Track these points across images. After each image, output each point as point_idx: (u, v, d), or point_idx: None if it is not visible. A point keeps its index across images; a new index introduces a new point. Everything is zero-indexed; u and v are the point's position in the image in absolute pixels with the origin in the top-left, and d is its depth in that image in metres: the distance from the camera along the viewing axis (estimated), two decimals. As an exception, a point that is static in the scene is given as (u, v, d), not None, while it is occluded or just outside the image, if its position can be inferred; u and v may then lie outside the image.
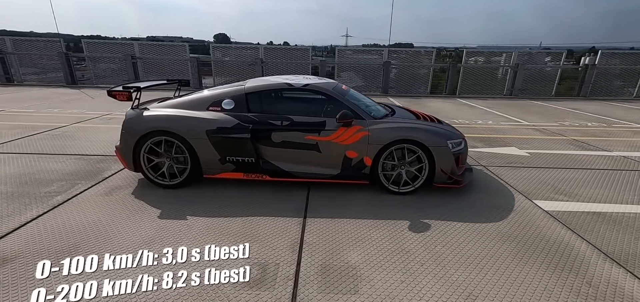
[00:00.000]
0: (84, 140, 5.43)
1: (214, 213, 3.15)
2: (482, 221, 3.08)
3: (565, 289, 2.21)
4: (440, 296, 2.12)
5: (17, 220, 2.92)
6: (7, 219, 2.94)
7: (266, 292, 2.13)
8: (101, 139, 5.56)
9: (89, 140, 5.47)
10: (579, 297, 2.13)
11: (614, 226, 3.05)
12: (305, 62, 12.90)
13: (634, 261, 2.54)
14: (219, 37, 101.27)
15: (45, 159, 4.52)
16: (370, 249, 2.63)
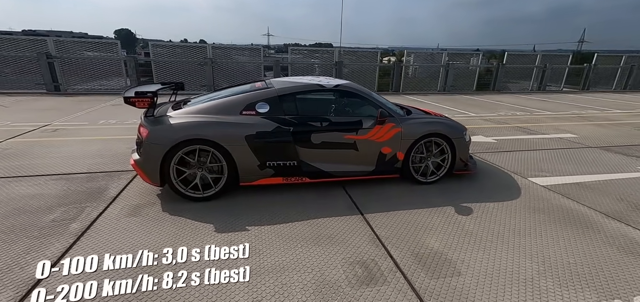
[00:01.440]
0: (46, 158, 4.55)
1: (273, 220, 3.05)
2: (504, 200, 3.60)
3: (593, 240, 2.78)
4: (528, 266, 2.49)
5: (48, 252, 2.41)
6: (32, 254, 2.40)
7: (385, 286, 2.22)
8: (67, 153, 4.72)
9: (51, 157, 4.60)
10: (604, 244, 2.72)
11: (593, 192, 3.87)
12: (257, 61, 12.62)
13: (622, 215, 3.30)
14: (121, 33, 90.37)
15: (11, 183, 3.70)
16: (441, 234, 2.88)
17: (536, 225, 3.08)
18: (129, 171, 4.12)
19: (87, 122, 6.80)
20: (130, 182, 3.80)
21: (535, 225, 3.07)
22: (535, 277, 2.34)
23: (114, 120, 6.95)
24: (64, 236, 2.69)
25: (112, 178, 3.91)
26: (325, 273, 2.33)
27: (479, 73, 14.95)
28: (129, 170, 4.16)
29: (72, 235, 2.71)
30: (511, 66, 14.88)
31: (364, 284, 2.23)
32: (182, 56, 12.04)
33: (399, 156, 3.80)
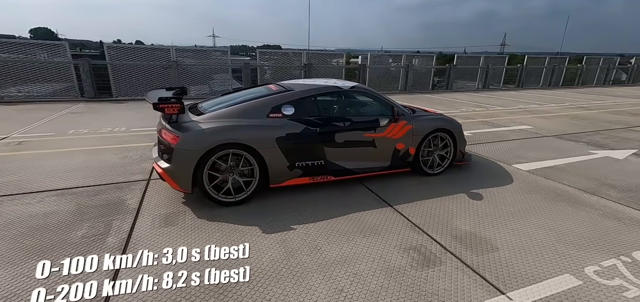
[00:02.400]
0: (28, 173, 4.10)
1: (314, 217, 3.17)
2: (502, 185, 4.11)
3: (584, 211, 3.36)
4: (545, 236, 2.93)
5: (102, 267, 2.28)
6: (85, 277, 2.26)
7: (443, 266, 2.49)
8: (52, 167, 4.29)
9: (34, 172, 4.15)
10: (593, 214, 3.30)
11: (565, 173, 4.57)
12: (225, 64, 12.30)
13: (596, 190, 3.98)
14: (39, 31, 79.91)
15: (8, 202, 3.32)
16: (465, 217, 3.25)
17: (536, 203, 3.59)
18: (136, 181, 3.92)
19: (53, 132, 6.15)
20: (145, 192, 3.62)
21: (536, 203, 3.59)
22: (555, 244, 2.79)
23: (85, 130, 6.38)
24: (107, 252, 2.54)
25: (122, 189, 3.69)
26: (388, 260, 2.54)
27: (433, 73, 16.17)
28: (135, 180, 3.95)
29: (115, 249, 2.57)
30: (461, 67, 16.35)
31: (425, 266, 2.48)
32: (143, 59, 11.29)
33: (410, 151, 4.13)
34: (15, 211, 3.12)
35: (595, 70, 21.02)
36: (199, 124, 3.29)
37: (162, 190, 3.69)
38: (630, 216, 3.35)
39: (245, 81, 12.08)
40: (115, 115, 7.84)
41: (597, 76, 21.05)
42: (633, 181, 4.31)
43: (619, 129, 7.63)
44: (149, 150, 5.10)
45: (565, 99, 13.42)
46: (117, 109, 8.82)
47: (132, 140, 5.68)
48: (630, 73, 22.76)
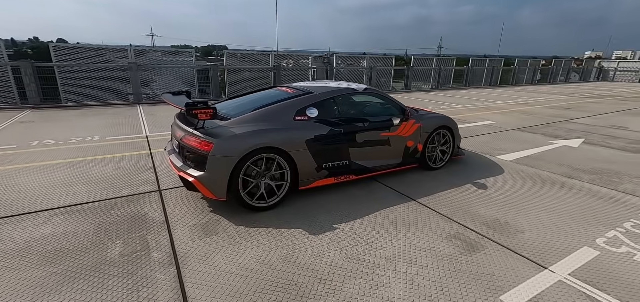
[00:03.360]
0: (11, 191, 3.60)
1: (347, 216, 3.26)
2: (496, 174, 4.57)
3: (571, 193, 3.91)
4: (553, 218, 3.36)
5: (162, 288, 2.14)
6: (147, 289, 2.10)
7: (486, 250, 2.75)
8: (34, 185, 3.81)
9: (15, 191, 3.66)
10: (580, 195, 3.87)
11: (541, 161, 5.22)
12: (189, 65, 11.70)
13: (571, 174, 4.62)
14: None
15: (7, 225, 2.90)
16: (482, 205, 3.58)
17: (532, 189, 4.08)
18: (146, 192, 3.67)
19: (13, 145, 5.39)
20: (163, 203, 3.41)
21: (531, 189, 4.08)
22: (563, 224, 3.22)
23: (52, 141, 5.68)
24: (159, 268, 2.38)
25: (135, 202, 3.43)
26: (437, 249, 2.73)
27: (393, 74, 17.02)
28: (145, 191, 3.69)
29: (165, 263, 2.42)
30: (417, 68, 17.45)
31: (471, 251, 2.72)
32: (96, 60, 10.28)
33: (418, 148, 4.41)
34: (19, 236, 2.75)
35: (525, 71, 23.80)
36: (229, 128, 3.19)
37: (182, 199, 3.50)
38: (606, 194, 3.97)
39: (214, 85, 11.62)
40: (77, 124, 7.08)
41: (526, 77, 23.86)
42: (594, 165, 5.07)
43: (563, 122, 8.82)
44: (141, 159, 4.77)
45: (507, 96, 15.03)
46: (75, 116, 7.96)
47: (114, 150, 5.22)
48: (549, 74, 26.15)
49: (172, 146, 3.73)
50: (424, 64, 18.39)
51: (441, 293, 2.22)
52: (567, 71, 27.67)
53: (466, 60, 20.74)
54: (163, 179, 4.04)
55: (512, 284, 2.32)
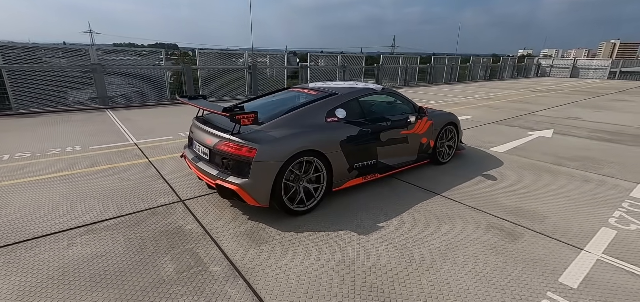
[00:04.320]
0: (10, 213, 3.17)
1: (385, 214, 3.33)
2: (496, 166, 4.91)
3: (568, 179, 4.35)
4: (566, 202, 3.71)
5: None
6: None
7: (526, 237, 2.97)
8: (35, 202, 3.39)
9: (17, 211, 3.23)
10: (576, 181, 4.31)
11: (526, 152, 5.69)
12: (158, 68, 10.99)
13: (558, 162, 5.11)
14: None
15: (27, 250, 2.56)
16: (501, 195, 3.84)
17: (533, 178, 4.45)
18: (169, 204, 3.43)
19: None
20: (193, 213, 3.22)
21: (533, 178, 4.45)
22: (575, 208, 3.57)
23: (26, 153, 5.06)
24: (226, 282, 2.26)
25: (162, 215, 3.20)
26: (486, 241, 2.89)
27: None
28: (166, 202, 3.45)
29: (229, 277, 2.31)
30: (387, 66, 18.04)
31: (513, 239, 2.92)
32: (52, 61, 9.27)
33: (431, 144, 4.60)
34: (50, 260, 2.45)
35: (478, 68, 25.64)
36: (268, 133, 3.09)
37: (211, 208, 3.33)
38: (596, 179, 4.46)
39: (188, 87, 11.04)
40: (45, 134, 6.35)
41: (479, 73, 25.72)
42: (573, 153, 5.65)
43: (527, 114, 9.67)
44: (142, 168, 4.44)
45: (470, 92, 16.10)
46: (37, 125, 7.13)
47: (107, 160, 4.79)
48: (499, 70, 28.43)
49: (194, 153, 3.52)
50: (392, 62, 19.04)
51: (507, 281, 2.36)
52: (512, 68, 30.26)
53: (420, 58, 21.82)
54: (181, 189, 3.80)
55: (563, 266, 2.54)
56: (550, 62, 35.06)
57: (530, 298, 2.20)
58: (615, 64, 32.37)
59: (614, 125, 8.23)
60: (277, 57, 14.11)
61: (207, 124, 3.42)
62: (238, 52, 12.98)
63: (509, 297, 2.20)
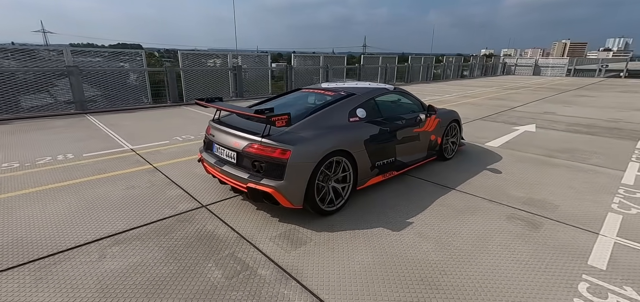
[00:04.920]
0: (22, 228, 2.94)
1: (410, 211, 3.42)
2: (497, 160, 5.17)
3: (565, 170, 4.66)
4: (570, 191, 3.97)
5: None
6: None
7: (546, 226, 3.16)
8: (62, 211, 3.17)
9: (29, 225, 3.01)
10: (571, 171, 4.63)
11: (520, 145, 6.03)
12: (137, 67, 10.52)
13: (550, 154, 5.45)
14: None
15: (57, 264, 2.39)
16: (512, 187, 4.06)
17: (533, 169, 4.73)
18: (192, 210, 3.34)
19: (-40, 171, 4.32)
20: (220, 218, 3.15)
21: (533, 169, 4.73)
22: (580, 194, 3.84)
23: (15, 163, 4.69)
24: (279, 284, 2.25)
25: (188, 221, 3.11)
26: (512, 230, 3.05)
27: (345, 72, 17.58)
28: (189, 208, 3.36)
29: (281, 279, 2.29)
30: (367, 66, 18.35)
31: (536, 228, 3.09)
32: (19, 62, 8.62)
33: (438, 141, 4.77)
34: (87, 274, 2.31)
35: (451, 67, 26.69)
36: (298, 134, 3.08)
37: (236, 212, 3.28)
38: (588, 168, 4.81)
39: (172, 89, 10.66)
40: (27, 141, 5.92)
41: (452, 73, 26.79)
42: (560, 146, 6.05)
43: (508, 110, 10.21)
44: (149, 174, 4.29)
45: (449, 91, 16.73)
46: (13, 132, 6.62)
47: (106, 168, 4.55)
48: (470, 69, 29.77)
49: (216, 157, 3.43)
50: (372, 62, 19.38)
51: (544, 266, 2.52)
52: (481, 67, 31.75)
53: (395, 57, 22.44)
54: (198, 194, 3.69)
55: (587, 250, 2.73)
56: (514, 61, 37.13)
57: (570, 280, 2.35)
58: (572, 62, 34.88)
59: (585, 119, 8.89)
60: (251, 57, 13.88)
61: (229, 126, 3.34)
62: (221, 53, 12.69)
63: (550, 280, 2.35)
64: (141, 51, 10.96)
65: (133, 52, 10.77)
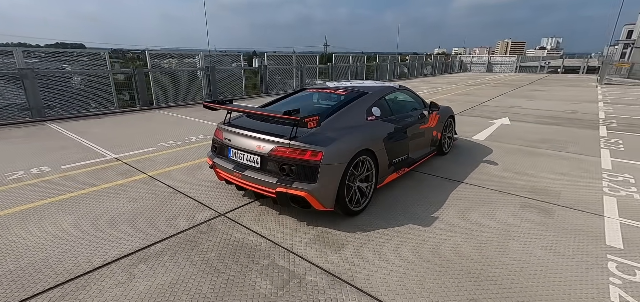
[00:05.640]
0: (43, 248, 2.58)
1: (430, 207, 3.49)
2: (488, 153, 5.44)
3: (552, 158, 5.03)
4: (565, 180, 4.28)
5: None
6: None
7: (557, 213, 3.38)
8: (64, 230, 2.81)
9: (50, 243, 2.64)
10: (555, 160, 5.01)
11: (501, 138, 6.40)
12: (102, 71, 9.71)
13: (534, 145, 5.85)
14: None
15: (90, 284, 2.12)
16: (514, 178, 4.28)
17: (525, 159, 5.05)
18: (209, 219, 3.14)
19: None
20: (243, 225, 2.99)
21: (525, 159, 5.04)
22: (573, 180, 4.15)
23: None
24: (333, 289, 2.18)
25: (210, 232, 2.93)
26: (530, 218, 3.21)
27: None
28: (207, 218, 3.16)
29: (333, 284, 2.23)
30: (339, 66, 18.51)
31: (549, 215, 3.29)
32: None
33: (438, 137, 4.92)
34: (118, 298, 2.06)
35: (415, 66, 27.78)
36: (325, 134, 3.00)
37: (256, 219, 3.15)
38: (570, 156, 5.22)
39: (141, 91, 9.97)
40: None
41: (416, 71, 27.89)
42: (537, 136, 6.52)
43: (479, 105, 10.82)
44: (146, 184, 4.01)
45: (418, 88, 17.31)
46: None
47: (95, 180, 4.15)
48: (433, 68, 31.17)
49: (234, 162, 3.23)
50: (343, 61, 19.58)
51: (570, 250, 2.68)
52: (442, 65, 33.39)
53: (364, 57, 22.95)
54: (211, 202, 3.48)
55: (600, 232, 2.96)
56: (470, 59, 39.52)
57: (598, 261, 2.53)
58: (519, 60, 37.85)
59: (548, 111, 9.67)
60: (223, 57, 13.42)
61: (246, 129, 3.18)
62: (194, 54, 12.10)
63: (581, 262, 2.51)
64: (103, 52, 10.12)
65: (93, 52, 9.91)
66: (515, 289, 2.22)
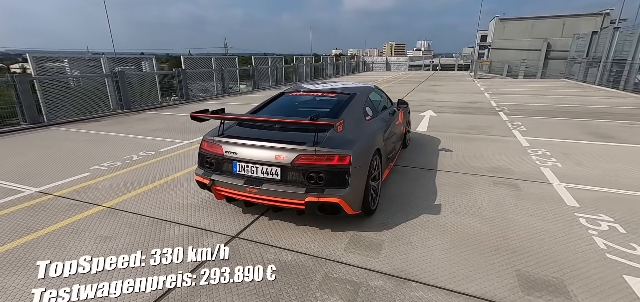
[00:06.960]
0: None
1: (427, 198, 3.78)
2: (437, 142, 6.13)
3: (475, 141, 5.97)
4: (507, 158, 5.10)
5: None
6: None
7: (538, 186, 4.04)
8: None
9: None
10: (484, 141, 5.97)
11: (440, 126, 7.27)
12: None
13: (477, 131, 6.81)
14: None
15: None
16: (472, 160, 4.92)
17: (469, 144, 5.84)
18: (216, 250, 2.78)
19: None
20: (266, 243, 2.76)
21: (470, 144, 5.83)
22: (512, 157, 4.99)
23: None
24: (398, 291, 2.20)
25: (231, 260, 2.59)
26: (508, 193, 3.74)
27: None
28: (214, 250, 2.78)
29: (398, 285, 2.26)
30: (261, 67, 18.10)
31: (518, 189, 3.90)
32: None
33: (404, 131, 5.31)
34: None
35: (326, 66, 29.05)
36: (343, 137, 2.95)
37: (276, 233, 2.94)
38: (494, 139, 6.24)
39: (28, 106, 7.97)
40: None
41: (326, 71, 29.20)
42: (462, 124, 7.59)
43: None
44: (110, 217, 3.34)
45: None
46: None
47: (31, 225, 3.22)
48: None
49: (246, 177, 2.88)
50: (263, 63, 19.19)
51: (548, 213, 3.24)
52: (349, 65, 35.71)
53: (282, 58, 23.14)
54: (212, 225, 3.06)
55: (557, 196, 3.65)
56: (371, 59, 43.33)
57: (573, 219, 3.12)
58: (411, 60, 43.22)
59: (455, 103, 11.33)
60: (129, 60, 11.84)
61: (252, 139, 2.89)
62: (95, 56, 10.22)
63: (565, 224, 3.05)
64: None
65: None
66: (538, 254, 2.58)
